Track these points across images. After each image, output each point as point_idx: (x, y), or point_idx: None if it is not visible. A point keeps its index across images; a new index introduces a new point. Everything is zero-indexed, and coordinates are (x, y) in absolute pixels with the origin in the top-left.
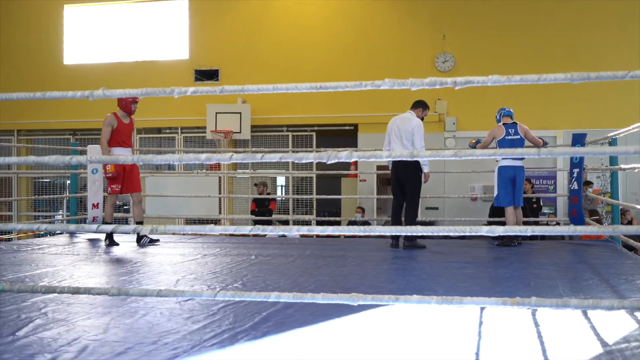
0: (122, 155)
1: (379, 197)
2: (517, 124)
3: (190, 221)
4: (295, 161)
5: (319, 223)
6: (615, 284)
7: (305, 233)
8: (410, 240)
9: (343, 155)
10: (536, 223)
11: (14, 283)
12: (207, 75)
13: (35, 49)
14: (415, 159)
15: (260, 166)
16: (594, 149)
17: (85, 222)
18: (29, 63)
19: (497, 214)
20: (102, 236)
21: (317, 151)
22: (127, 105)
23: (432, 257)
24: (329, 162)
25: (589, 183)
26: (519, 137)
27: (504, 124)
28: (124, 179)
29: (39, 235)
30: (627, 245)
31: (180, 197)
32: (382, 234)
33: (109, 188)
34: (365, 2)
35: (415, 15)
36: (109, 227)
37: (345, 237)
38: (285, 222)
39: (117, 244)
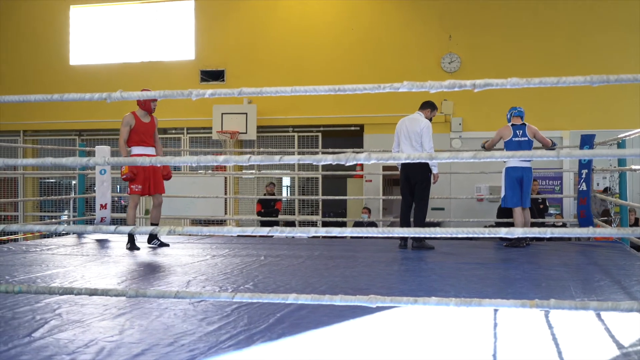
0: (143, 154)
1: (385, 198)
2: (526, 125)
3: (196, 222)
4: (314, 163)
5: (324, 224)
6: (627, 285)
7: (320, 234)
8: (419, 240)
9: (362, 156)
10: (542, 224)
11: (27, 284)
12: (213, 75)
13: (42, 49)
14: (434, 160)
15: (266, 166)
16: (611, 151)
17: (93, 223)
18: (35, 64)
19: (505, 214)
20: (110, 236)
21: (324, 153)
22: (147, 103)
23: (442, 258)
24: (347, 164)
25: (607, 189)
26: (526, 139)
27: (512, 124)
28: (145, 179)
29: (46, 236)
30: (635, 246)
31: (187, 197)
32: (396, 235)
33: (129, 188)
34: (371, 2)
35: (421, 16)
36: (127, 228)
37: (353, 237)
38: (292, 224)
39: (139, 249)
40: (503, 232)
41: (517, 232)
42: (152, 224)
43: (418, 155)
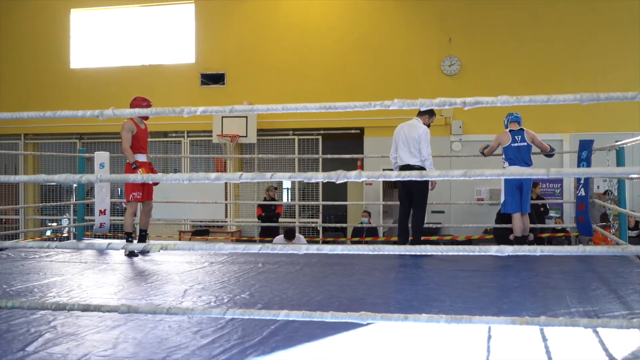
0: (141, 162)
1: (385, 203)
2: (524, 130)
3: (196, 225)
4: (305, 180)
5: (325, 229)
6: (623, 294)
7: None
8: None
9: (352, 174)
10: (542, 229)
11: (24, 294)
12: (214, 78)
13: (42, 53)
14: (424, 178)
15: (266, 170)
16: (602, 169)
17: (92, 228)
18: (35, 67)
19: (503, 219)
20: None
21: (324, 156)
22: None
23: (440, 264)
24: (338, 182)
25: (607, 192)
26: (525, 144)
27: (510, 130)
28: (143, 187)
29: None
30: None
31: (187, 203)
32: (391, 252)
33: (131, 195)
34: (372, 5)
35: (421, 18)
36: (119, 245)
37: (352, 242)
38: (291, 231)
39: (137, 255)
40: (493, 249)
41: (507, 250)
42: (141, 230)
43: (409, 174)
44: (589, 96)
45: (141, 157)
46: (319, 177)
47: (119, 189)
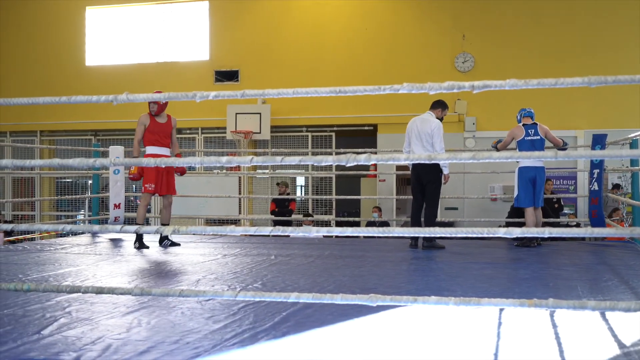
0: (156, 154)
1: (399, 198)
2: (537, 124)
3: (210, 221)
4: (315, 164)
5: (338, 223)
6: (635, 285)
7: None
8: (430, 240)
9: (362, 157)
10: (557, 224)
11: (39, 282)
12: (227, 76)
13: (58, 50)
14: (433, 161)
15: (280, 166)
16: (612, 152)
17: (107, 222)
18: (51, 64)
19: (516, 214)
20: (123, 236)
21: (336, 153)
22: (150, 105)
23: (451, 257)
24: (348, 165)
25: (618, 187)
26: (539, 137)
27: (524, 124)
28: (158, 179)
29: (62, 235)
30: None
31: (201, 197)
32: (402, 235)
33: (143, 187)
34: (385, 2)
35: (435, 15)
36: (132, 228)
37: (365, 237)
38: (309, 215)
39: (147, 247)
40: (502, 232)
41: (515, 232)
42: (162, 224)
43: (419, 156)
44: (597, 79)
45: (154, 150)
46: (329, 160)
47: (134, 185)
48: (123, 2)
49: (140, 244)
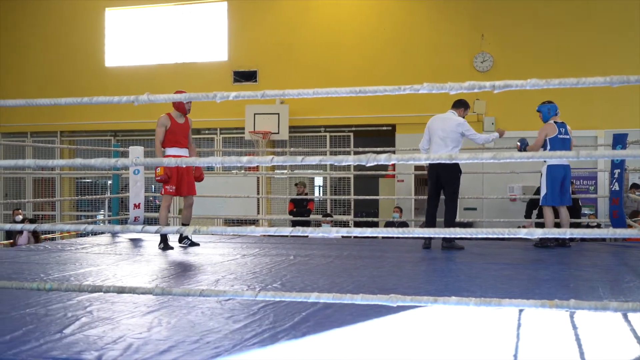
0: (177, 155)
1: (417, 198)
2: (565, 123)
3: (228, 221)
4: (335, 164)
5: (356, 224)
6: None
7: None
8: (449, 241)
9: (382, 157)
10: (577, 224)
11: (61, 282)
12: (246, 76)
13: (77, 51)
14: (454, 161)
15: (298, 166)
16: (635, 151)
17: (127, 222)
18: (71, 65)
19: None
20: (143, 236)
21: (355, 152)
22: (181, 105)
23: (471, 258)
24: (367, 165)
25: (636, 186)
26: (568, 136)
27: (554, 122)
28: (179, 180)
29: (82, 235)
30: None
31: (219, 197)
32: (421, 236)
33: (163, 189)
34: (403, 2)
35: (453, 15)
36: (153, 228)
37: (383, 238)
38: (328, 215)
39: (172, 248)
40: (523, 232)
41: (537, 233)
42: (183, 224)
43: (438, 156)
44: (619, 78)
45: (174, 151)
46: (349, 160)
47: (153, 186)
48: (142, 3)
49: (165, 245)
